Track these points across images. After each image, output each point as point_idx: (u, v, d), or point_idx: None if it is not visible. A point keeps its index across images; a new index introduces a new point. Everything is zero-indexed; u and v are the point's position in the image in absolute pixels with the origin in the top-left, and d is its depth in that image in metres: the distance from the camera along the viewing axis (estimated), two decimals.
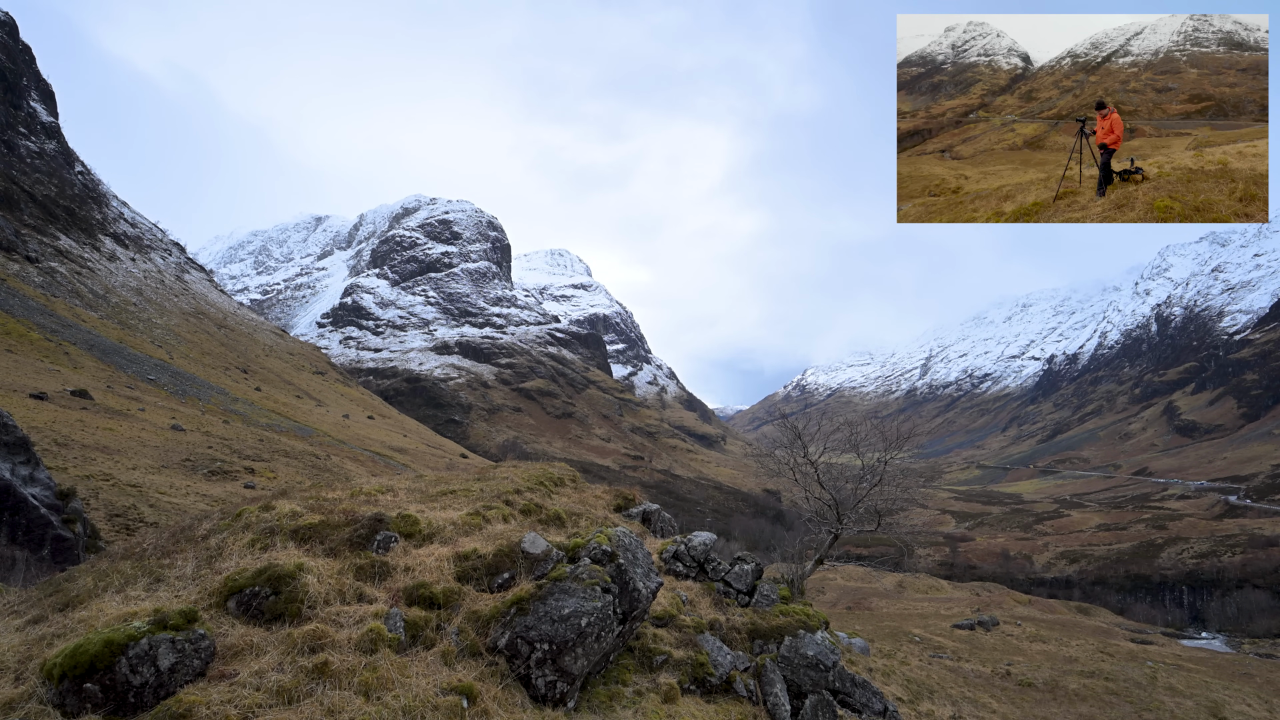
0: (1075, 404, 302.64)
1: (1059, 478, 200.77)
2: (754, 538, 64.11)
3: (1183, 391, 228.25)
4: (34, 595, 5.24)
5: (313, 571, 5.20)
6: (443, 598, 5.41)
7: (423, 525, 6.49)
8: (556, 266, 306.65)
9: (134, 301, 63.98)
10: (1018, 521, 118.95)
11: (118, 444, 20.91)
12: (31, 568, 9.04)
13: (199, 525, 6.38)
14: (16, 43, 72.88)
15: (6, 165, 62.38)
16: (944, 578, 62.39)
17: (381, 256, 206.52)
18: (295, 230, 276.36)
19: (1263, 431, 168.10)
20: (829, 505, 17.29)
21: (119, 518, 14.69)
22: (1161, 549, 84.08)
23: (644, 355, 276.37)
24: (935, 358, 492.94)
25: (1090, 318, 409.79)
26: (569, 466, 10.97)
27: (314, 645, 4.47)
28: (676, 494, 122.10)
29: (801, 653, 7.08)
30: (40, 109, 74.24)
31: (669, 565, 8.16)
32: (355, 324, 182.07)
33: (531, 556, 5.88)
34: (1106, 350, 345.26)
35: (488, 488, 8.32)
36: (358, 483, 8.57)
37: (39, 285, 50.02)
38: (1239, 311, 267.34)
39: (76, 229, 66.89)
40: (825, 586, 41.28)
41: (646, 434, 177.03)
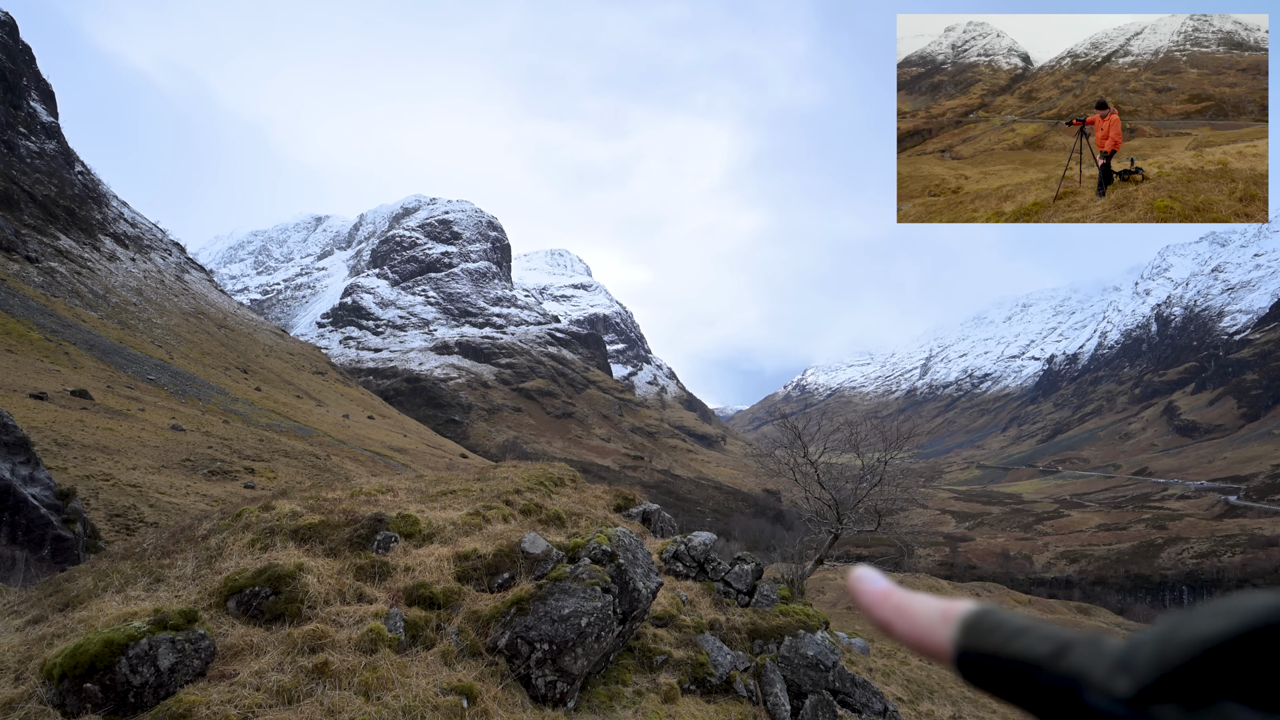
0: (1075, 404, 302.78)
1: (1059, 478, 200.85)
2: (754, 538, 64.17)
3: (1183, 391, 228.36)
4: (34, 595, 5.24)
5: (313, 571, 5.20)
6: (443, 598, 5.41)
7: (423, 525, 6.49)
8: (556, 266, 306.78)
9: (134, 301, 63.99)
10: (1018, 521, 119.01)
11: (118, 444, 20.91)
12: (31, 568, 9.04)
13: (199, 525, 6.38)
14: (16, 43, 72.88)
15: (6, 165, 62.39)
16: (944, 578, 62.38)
17: (381, 256, 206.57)
18: (295, 230, 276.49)
19: (1263, 431, 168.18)
20: (829, 505, 17.29)
21: (119, 518, 14.68)
22: (1161, 549, 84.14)
23: (644, 355, 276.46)
24: (935, 358, 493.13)
25: (1090, 318, 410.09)
26: (569, 466, 10.97)
27: (314, 645, 4.47)
28: (676, 494, 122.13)
29: (801, 653, 7.09)
30: (40, 109, 74.24)
31: (669, 565, 8.16)
32: (355, 324, 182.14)
33: (531, 556, 5.88)
34: (1106, 350, 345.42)
35: (488, 488, 8.32)
36: (358, 483, 8.57)
37: (39, 285, 50.03)
38: (1239, 311, 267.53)
39: (76, 229, 66.90)
40: (825, 586, 41.33)
41: (646, 434, 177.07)
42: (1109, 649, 0.32)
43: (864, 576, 0.46)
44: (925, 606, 0.41)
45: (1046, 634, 0.35)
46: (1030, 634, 0.35)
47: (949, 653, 0.38)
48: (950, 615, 0.39)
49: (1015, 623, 0.36)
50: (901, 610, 0.42)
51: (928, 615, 0.40)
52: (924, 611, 0.40)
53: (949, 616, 0.39)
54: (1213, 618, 0.27)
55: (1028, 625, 0.36)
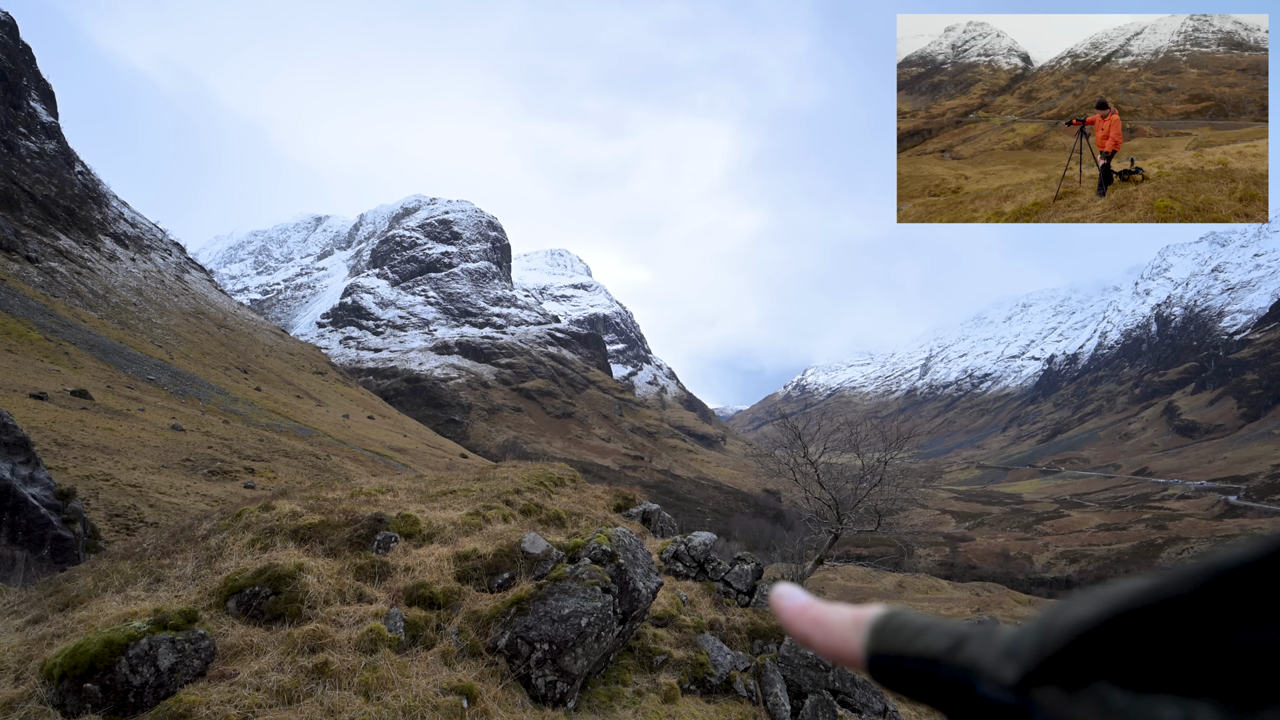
0: (1075, 404, 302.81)
1: (1059, 478, 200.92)
2: (754, 538, 64.13)
3: (1183, 391, 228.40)
4: (34, 595, 5.24)
5: (313, 571, 5.20)
6: (443, 598, 5.41)
7: (423, 525, 6.49)
8: (556, 266, 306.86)
9: (134, 301, 63.99)
10: (1018, 521, 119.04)
11: (118, 444, 20.91)
12: (31, 568, 9.04)
13: (199, 525, 6.38)
14: (16, 43, 72.90)
15: (6, 165, 62.40)
16: (944, 578, 62.41)
17: (381, 256, 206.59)
18: (295, 230, 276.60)
19: (1263, 431, 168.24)
20: (829, 505, 17.29)
21: (119, 518, 14.68)
22: (1161, 549, 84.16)
23: (644, 355, 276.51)
24: (935, 358, 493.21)
25: (1090, 318, 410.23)
26: (569, 466, 10.97)
27: (314, 645, 4.47)
28: (676, 494, 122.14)
29: (801, 652, 7.09)
30: (40, 109, 74.26)
31: (669, 565, 8.16)
32: (355, 324, 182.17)
33: (531, 556, 5.88)
34: (1106, 350, 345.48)
35: (488, 488, 8.32)
36: (358, 483, 8.57)
37: (39, 285, 50.04)
38: (1239, 311, 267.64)
39: (76, 229, 66.91)
40: (825, 586, 41.33)
41: (646, 434, 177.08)
42: (999, 639, 0.33)
43: (784, 593, 0.46)
44: (839, 616, 0.41)
45: (946, 630, 0.35)
46: (931, 631, 0.35)
47: (861, 659, 0.38)
48: (861, 621, 0.39)
49: (919, 622, 0.37)
50: (818, 622, 0.42)
51: (841, 624, 0.40)
52: (838, 621, 0.40)
53: (860, 623, 0.39)
54: (1084, 603, 0.28)
55: (930, 624, 0.36)
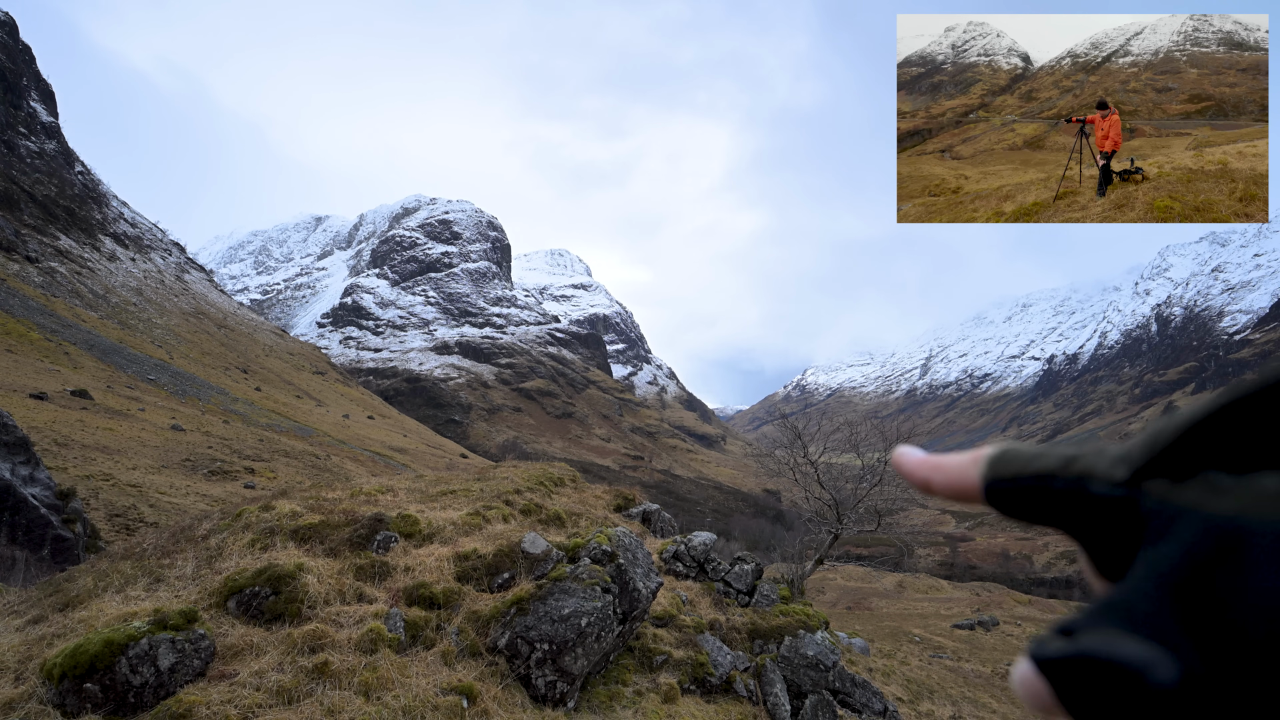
0: (1075, 404, 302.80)
1: None
2: (754, 538, 64.11)
3: (1183, 392, 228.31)
4: (34, 595, 5.24)
5: (313, 571, 5.20)
6: (443, 598, 5.41)
7: (423, 525, 6.48)
8: (556, 266, 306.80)
9: (134, 301, 63.99)
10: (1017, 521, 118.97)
11: (118, 444, 20.91)
12: (31, 568, 9.04)
13: (199, 525, 6.38)
14: (16, 43, 72.89)
15: (6, 165, 62.40)
16: (944, 578, 62.34)
17: (381, 256, 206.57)
18: (295, 230, 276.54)
19: None
20: (829, 505, 17.30)
21: (119, 518, 14.68)
22: None
23: (644, 355, 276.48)
24: (935, 358, 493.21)
25: (1090, 318, 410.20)
26: (569, 466, 10.97)
27: (314, 645, 4.47)
28: (676, 494, 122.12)
29: (801, 653, 7.08)
30: (40, 109, 74.26)
31: (669, 565, 8.16)
32: (355, 324, 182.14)
33: (531, 556, 5.88)
34: (1106, 350, 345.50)
35: (488, 488, 8.32)
36: (358, 483, 8.58)
37: (39, 285, 50.04)
38: (1239, 311, 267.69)
39: (76, 229, 66.91)
40: (825, 586, 41.29)
41: (646, 434, 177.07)
42: (1109, 450, 0.36)
43: (904, 450, 0.50)
44: (956, 458, 0.45)
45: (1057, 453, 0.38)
46: (1043, 455, 0.39)
47: (979, 488, 0.41)
48: (977, 458, 0.43)
49: (1030, 451, 0.40)
50: (938, 466, 0.46)
51: (958, 464, 0.44)
52: (955, 462, 0.45)
53: (976, 459, 0.43)
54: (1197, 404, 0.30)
55: (1041, 450, 0.40)
